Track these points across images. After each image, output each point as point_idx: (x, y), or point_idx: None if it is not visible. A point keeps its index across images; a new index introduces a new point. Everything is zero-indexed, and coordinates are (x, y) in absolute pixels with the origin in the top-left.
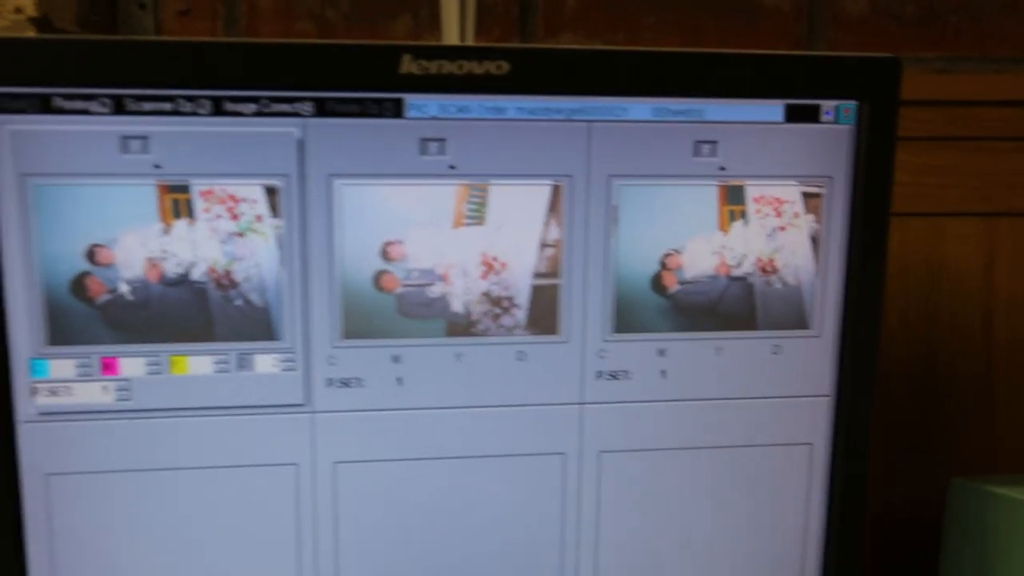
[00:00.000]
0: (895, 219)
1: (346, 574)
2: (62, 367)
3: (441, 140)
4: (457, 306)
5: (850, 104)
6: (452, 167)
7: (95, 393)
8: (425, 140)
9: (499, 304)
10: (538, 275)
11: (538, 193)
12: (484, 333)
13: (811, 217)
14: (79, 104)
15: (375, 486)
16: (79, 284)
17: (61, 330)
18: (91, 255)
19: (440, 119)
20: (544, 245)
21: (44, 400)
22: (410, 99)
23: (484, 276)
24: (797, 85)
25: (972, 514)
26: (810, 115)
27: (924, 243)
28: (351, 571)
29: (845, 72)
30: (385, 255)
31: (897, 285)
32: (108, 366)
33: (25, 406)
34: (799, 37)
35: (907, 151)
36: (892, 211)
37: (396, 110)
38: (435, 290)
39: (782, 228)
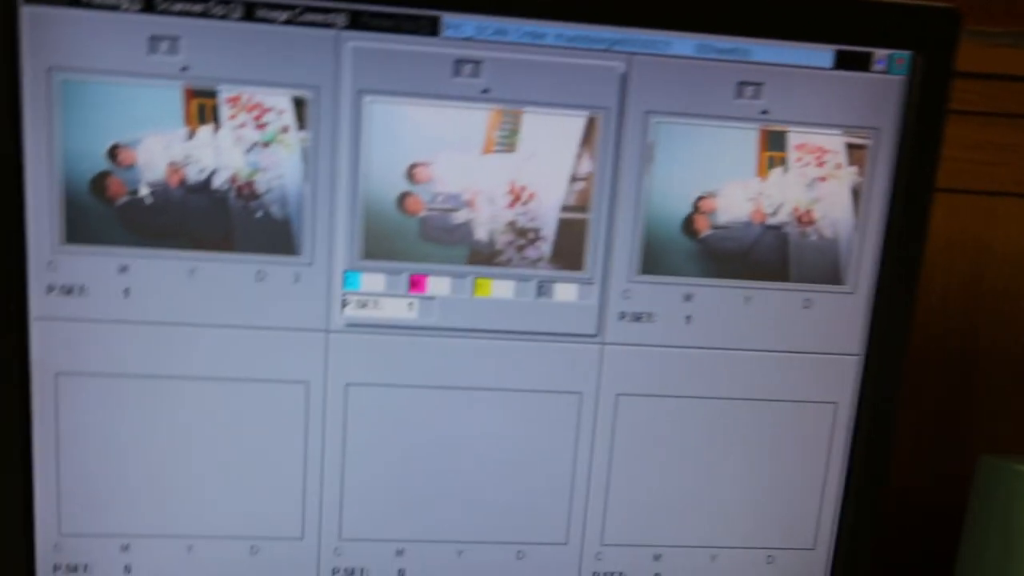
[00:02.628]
0: (943, 195)
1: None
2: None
3: (476, 62)
4: (481, 234)
5: (904, 54)
6: (485, 91)
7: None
8: (459, 61)
9: (524, 235)
10: (566, 208)
11: (572, 124)
12: (507, 263)
13: (854, 169)
14: (110, 0)
15: (384, 410)
16: (99, 183)
17: (78, 228)
18: (113, 155)
19: (476, 40)
20: (575, 178)
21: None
22: (446, 17)
23: (511, 205)
24: (849, 30)
25: (998, 492)
26: (861, 63)
27: (972, 221)
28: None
29: (901, 20)
30: (411, 176)
31: (942, 262)
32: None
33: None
34: None
35: (962, 126)
36: (941, 187)
37: (432, 28)
38: (460, 216)
39: (823, 179)
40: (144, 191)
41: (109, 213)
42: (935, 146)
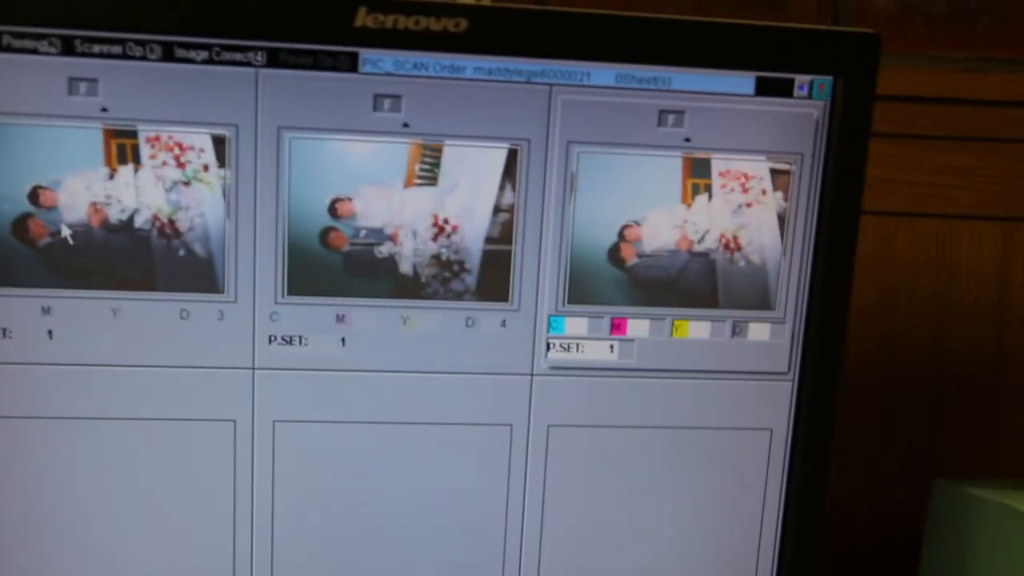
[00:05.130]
0: (905, 219)
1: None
2: None
3: (396, 97)
4: (406, 267)
5: (825, 79)
6: (406, 125)
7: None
8: (379, 96)
9: (449, 268)
10: (490, 240)
11: (494, 156)
12: (433, 296)
13: (779, 195)
14: (28, 43)
15: (312, 447)
16: (21, 225)
17: (0, 271)
18: (34, 197)
19: (395, 75)
20: (498, 210)
21: None
22: (365, 53)
23: (434, 238)
24: (770, 57)
25: (953, 516)
26: (783, 89)
27: (935, 245)
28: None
29: (821, 45)
30: (333, 212)
31: (904, 285)
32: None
33: None
34: None
35: (923, 150)
36: (902, 211)
37: (350, 64)
38: (384, 249)
39: (748, 204)
40: (66, 232)
41: (31, 255)
42: (860, 170)
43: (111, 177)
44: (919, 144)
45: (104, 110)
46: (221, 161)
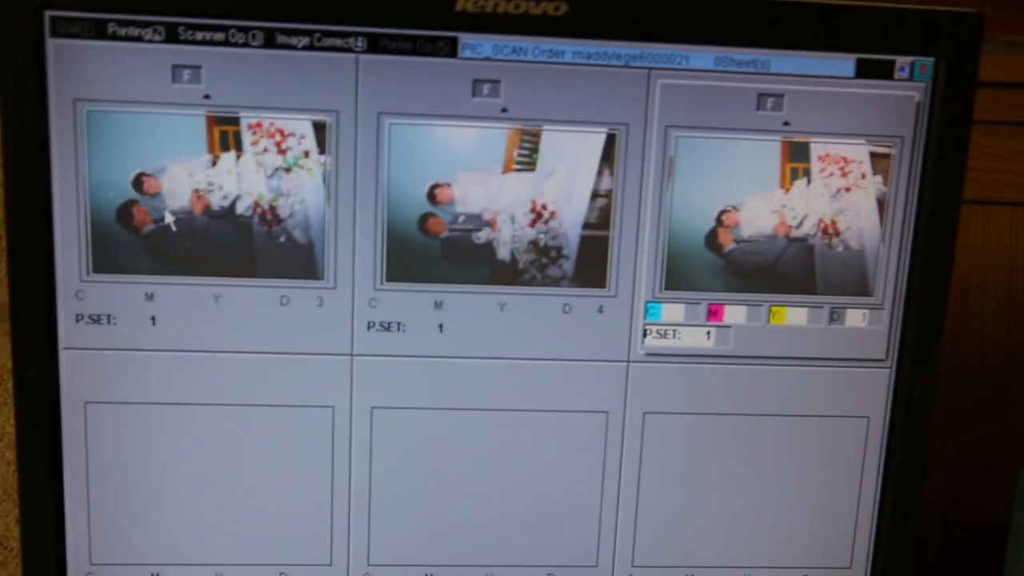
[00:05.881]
0: (977, 207)
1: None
2: None
3: (495, 82)
4: (503, 253)
5: (927, 61)
6: (505, 110)
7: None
8: (478, 81)
9: (547, 254)
10: (588, 226)
11: (592, 141)
12: (530, 282)
13: (879, 179)
14: (133, 31)
15: (410, 434)
16: (125, 212)
17: (105, 258)
18: (138, 184)
19: (494, 60)
20: (596, 195)
21: None
22: (464, 38)
23: (532, 224)
24: (870, 38)
25: None
26: (883, 71)
27: (1008, 233)
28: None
29: (923, 26)
30: (432, 198)
31: (977, 274)
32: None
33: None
34: None
35: (993, 136)
36: (974, 199)
37: (450, 49)
38: (481, 236)
39: (847, 189)
40: (169, 219)
41: (135, 241)
42: (961, 153)
43: (213, 164)
44: (991, 130)
45: (207, 97)
46: (321, 147)
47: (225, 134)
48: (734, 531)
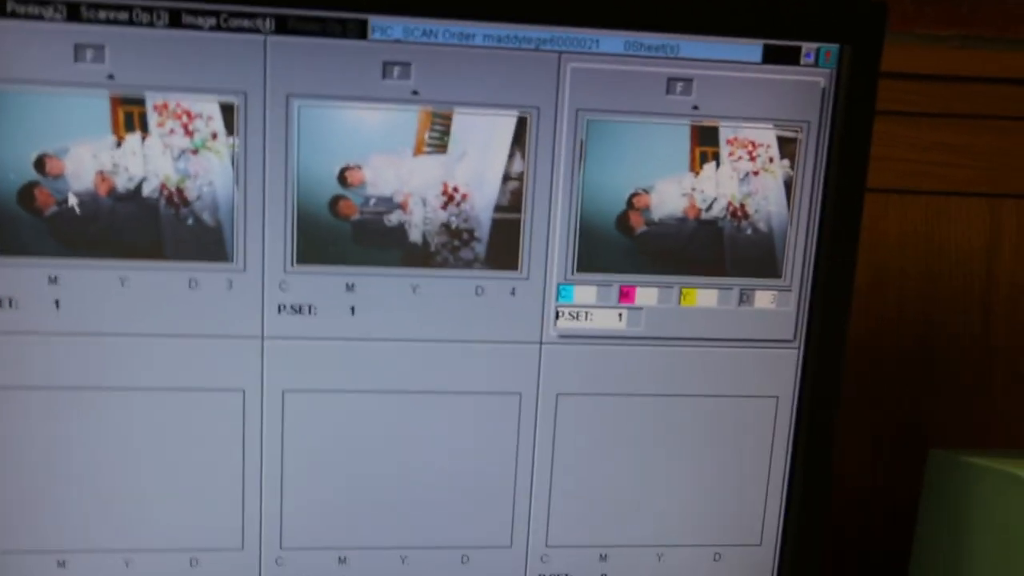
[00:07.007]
0: (895, 196)
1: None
2: None
3: (405, 64)
4: (415, 236)
5: (832, 47)
6: (415, 92)
7: None
8: (388, 63)
9: (459, 236)
10: (500, 208)
11: (503, 124)
12: (442, 265)
13: (786, 163)
14: (33, 9)
15: (322, 416)
16: (27, 194)
17: (7, 240)
18: (40, 165)
19: (404, 42)
20: (507, 178)
21: None
22: (374, 20)
23: (444, 206)
24: (777, 24)
25: (949, 485)
26: (790, 57)
27: (925, 222)
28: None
29: (828, 13)
30: (343, 180)
31: (896, 261)
32: None
33: None
34: None
35: (913, 127)
36: (894, 187)
37: (359, 31)
38: (393, 218)
39: (756, 172)
40: (73, 200)
41: (38, 224)
42: (866, 137)
43: (118, 145)
44: (910, 121)
45: (111, 77)
46: (230, 129)
47: (130, 115)
48: (647, 510)
